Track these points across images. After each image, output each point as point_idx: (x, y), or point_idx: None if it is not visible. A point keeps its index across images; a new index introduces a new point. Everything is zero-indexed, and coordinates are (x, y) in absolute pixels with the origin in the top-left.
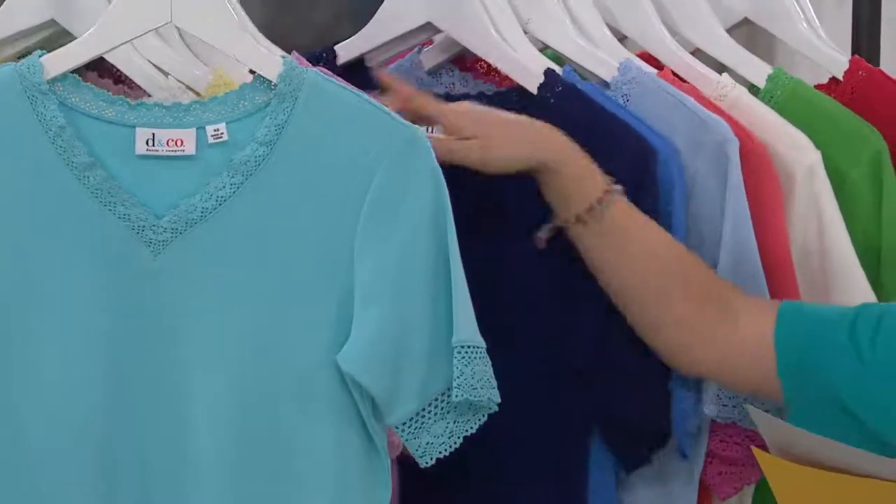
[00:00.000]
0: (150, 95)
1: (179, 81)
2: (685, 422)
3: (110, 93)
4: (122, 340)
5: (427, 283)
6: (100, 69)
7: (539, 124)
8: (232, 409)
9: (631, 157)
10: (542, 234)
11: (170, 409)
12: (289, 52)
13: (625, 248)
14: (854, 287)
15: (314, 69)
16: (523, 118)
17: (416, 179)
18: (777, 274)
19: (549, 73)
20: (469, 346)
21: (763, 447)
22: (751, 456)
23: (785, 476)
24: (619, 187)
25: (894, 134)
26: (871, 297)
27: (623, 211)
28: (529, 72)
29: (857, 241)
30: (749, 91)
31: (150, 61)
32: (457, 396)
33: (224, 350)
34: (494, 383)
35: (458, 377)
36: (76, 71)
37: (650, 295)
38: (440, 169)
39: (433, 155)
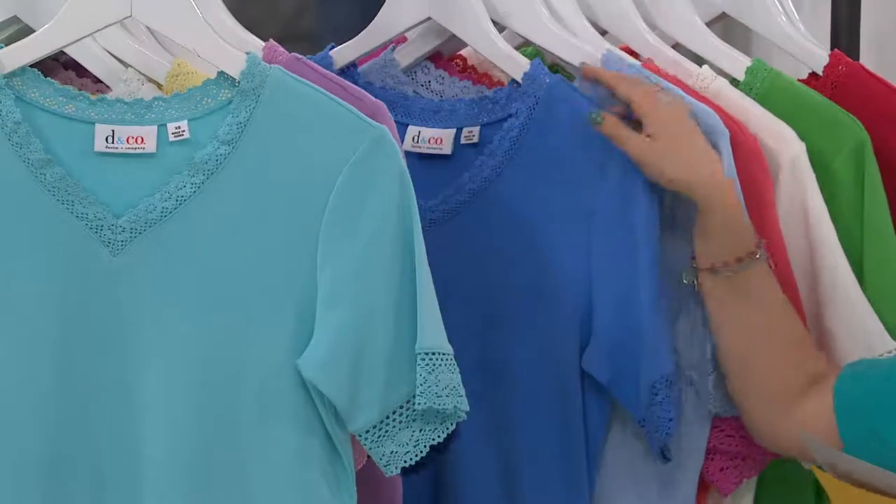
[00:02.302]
0: (109, 88)
1: (139, 72)
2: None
3: (73, 88)
4: (78, 341)
5: (391, 286)
6: (78, 68)
7: (713, 156)
8: (188, 414)
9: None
10: (686, 279)
11: (125, 412)
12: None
13: (748, 315)
14: (842, 284)
15: (278, 65)
16: (704, 143)
17: (381, 180)
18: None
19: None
20: (434, 353)
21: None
22: (751, 448)
23: (847, 497)
24: (765, 252)
25: (877, 129)
26: (859, 294)
27: (761, 277)
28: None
29: (840, 232)
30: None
31: (108, 52)
32: (420, 404)
33: (182, 354)
34: (462, 391)
35: (421, 384)
36: (52, 70)
37: (755, 365)
38: (407, 169)
39: (400, 155)
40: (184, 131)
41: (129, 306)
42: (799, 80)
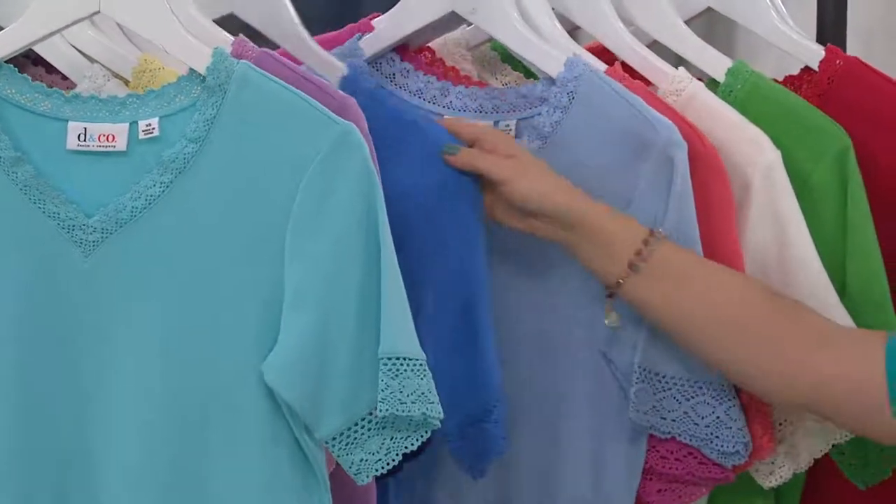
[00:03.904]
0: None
1: (105, 67)
2: None
3: (46, 85)
4: (48, 342)
5: (356, 288)
6: (48, 64)
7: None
8: (156, 416)
9: None
10: (610, 314)
11: (92, 415)
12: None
13: (685, 288)
14: (818, 295)
15: (245, 61)
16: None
17: (347, 178)
18: None
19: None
20: (398, 358)
21: (703, 465)
22: (692, 473)
23: None
24: (660, 230)
25: (876, 126)
26: (838, 307)
27: (672, 249)
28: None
29: (821, 245)
30: (708, 86)
31: (74, 47)
32: (381, 411)
33: (151, 355)
34: (433, 398)
35: (383, 390)
36: (21, 66)
37: (724, 332)
38: (373, 168)
39: (367, 153)
40: (154, 129)
41: (100, 307)
42: (791, 76)
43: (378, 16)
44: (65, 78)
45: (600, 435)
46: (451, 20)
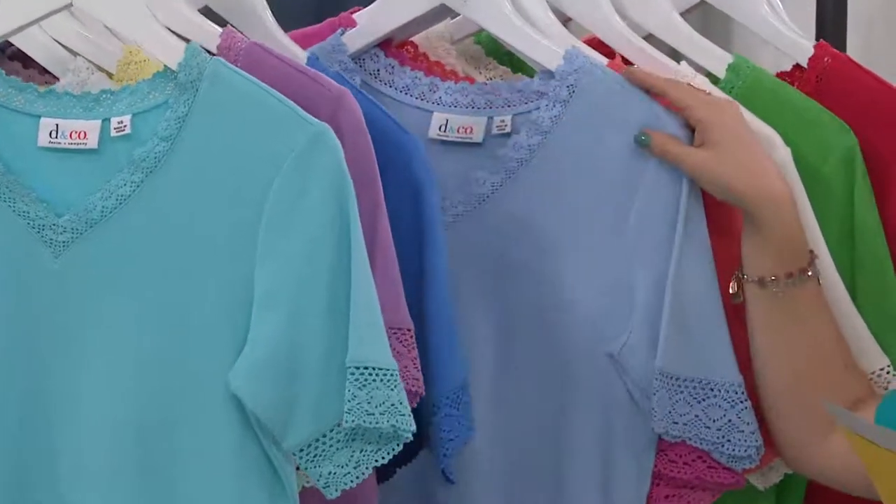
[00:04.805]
0: (57, 78)
1: (88, 61)
2: None
3: (20, 79)
4: (18, 344)
5: (326, 293)
6: (25, 59)
7: (772, 165)
8: (125, 420)
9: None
10: (731, 290)
11: (60, 417)
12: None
13: (796, 335)
14: (834, 297)
15: (217, 57)
16: (762, 150)
17: (320, 179)
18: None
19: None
20: (366, 368)
21: (713, 469)
22: (701, 477)
23: (877, 456)
24: (817, 269)
25: (864, 127)
26: (851, 308)
27: (812, 295)
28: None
29: (829, 244)
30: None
31: (56, 40)
32: (347, 422)
33: (122, 359)
34: (404, 409)
35: (350, 401)
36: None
37: (801, 390)
38: (346, 168)
39: (341, 154)
40: (125, 126)
41: (70, 309)
42: (782, 73)
43: (360, 10)
44: (43, 72)
45: (609, 440)
46: (440, 13)
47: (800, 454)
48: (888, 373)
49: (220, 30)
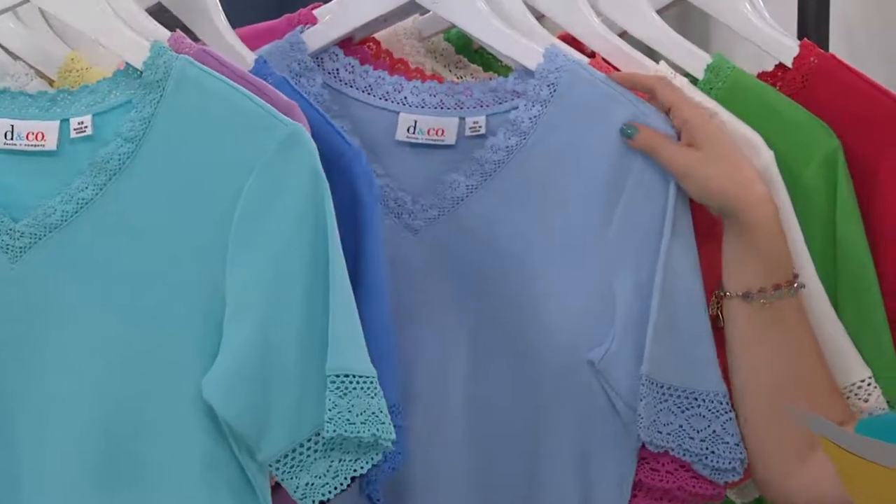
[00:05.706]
0: None
1: (28, 65)
2: None
3: None
4: None
5: (300, 298)
6: None
7: (756, 173)
8: (91, 432)
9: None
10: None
11: (19, 429)
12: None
13: (778, 349)
14: (816, 306)
15: (185, 56)
16: (746, 157)
17: (293, 181)
18: None
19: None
20: (346, 376)
21: (695, 479)
22: (682, 487)
23: (854, 467)
24: (802, 283)
25: (850, 128)
26: (834, 317)
27: (795, 310)
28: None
29: (812, 250)
30: None
31: None
32: (328, 432)
33: (84, 368)
34: (385, 418)
35: (330, 409)
36: None
37: (774, 403)
38: (322, 170)
39: (315, 155)
40: (86, 127)
41: (31, 317)
42: (764, 72)
43: (320, 5)
44: None
45: (587, 449)
46: (408, 10)
47: (777, 482)
48: (869, 384)
49: (168, 33)
